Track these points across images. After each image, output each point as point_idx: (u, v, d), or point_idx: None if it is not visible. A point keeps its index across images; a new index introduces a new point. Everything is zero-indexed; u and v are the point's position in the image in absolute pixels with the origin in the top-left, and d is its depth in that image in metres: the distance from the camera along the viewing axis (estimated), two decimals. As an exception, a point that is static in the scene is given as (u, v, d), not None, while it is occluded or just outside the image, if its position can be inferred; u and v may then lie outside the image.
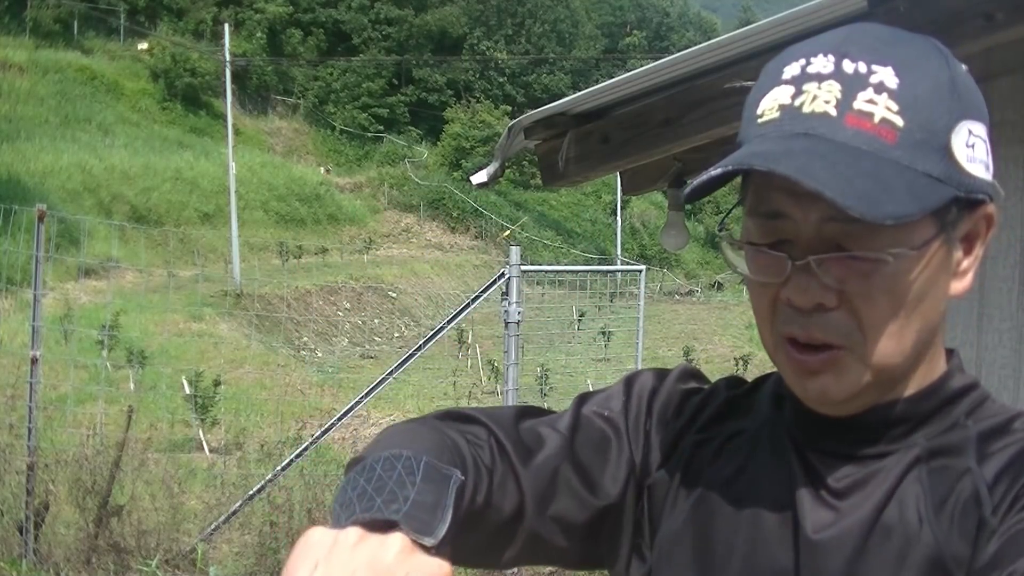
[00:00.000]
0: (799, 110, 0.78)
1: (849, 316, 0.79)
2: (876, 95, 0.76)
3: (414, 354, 6.33)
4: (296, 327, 22.62)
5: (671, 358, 24.34)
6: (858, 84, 0.77)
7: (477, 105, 51.77)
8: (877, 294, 0.78)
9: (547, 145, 3.60)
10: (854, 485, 0.83)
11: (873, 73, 0.77)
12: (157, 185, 33.08)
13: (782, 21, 2.70)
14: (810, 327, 0.80)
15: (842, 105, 0.77)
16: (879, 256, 0.76)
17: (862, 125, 0.76)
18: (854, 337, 0.79)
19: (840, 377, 0.80)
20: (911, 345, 0.80)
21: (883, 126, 0.76)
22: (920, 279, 0.78)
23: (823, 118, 0.77)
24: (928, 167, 0.76)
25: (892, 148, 0.76)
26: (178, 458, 8.08)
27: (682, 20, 74.10)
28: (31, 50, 40.28)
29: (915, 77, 0.77)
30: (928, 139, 0.76)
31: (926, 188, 0.75)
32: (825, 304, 0.79)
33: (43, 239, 5.92)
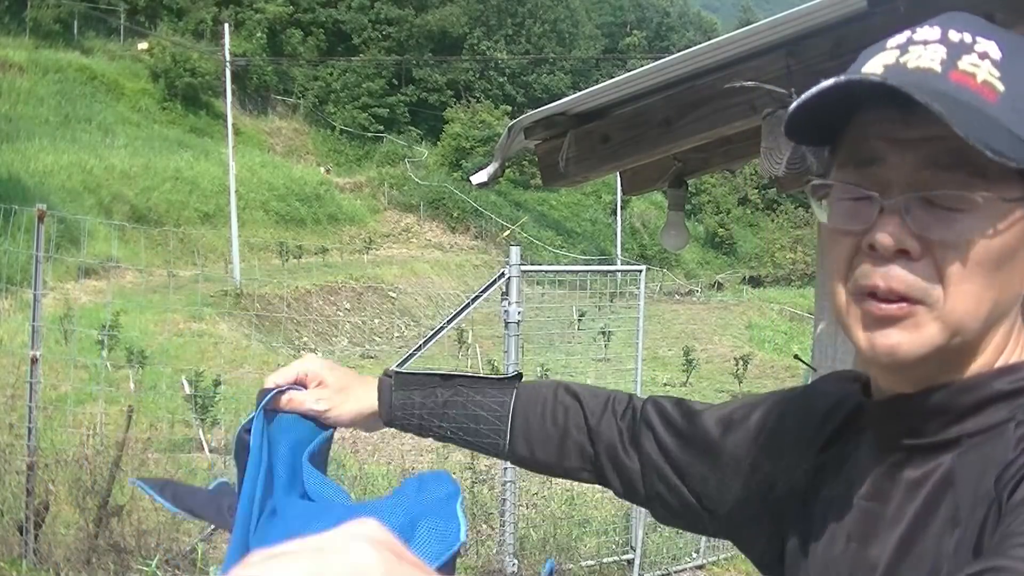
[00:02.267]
0: (904, 66, 0.81)
1: (931, 268, 0.79)
2: (980, 60, 0.79)
3: (414, 354, 6.33)
4: (296, 327, 22.62)
5: (671, 358, 24.33)
6: (963, 49, 0.80)
7: (477, 105, 51.78)
8: (961, 244, 0.78)
9: (547, 145, 3.60)
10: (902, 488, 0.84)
11: (977, 43, 0.80)
12: (157, 185, 33.08)
13: (782, 21, 2.70)
14: (891, 277, 0.79)
15: (947, 64, 0.79)
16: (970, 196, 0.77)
17: (965, 81, 0.78)
18: (934, 292, 0.79)
19: (913, 333, 0.80)
20: (986, 312, 0.80)
21: (985, 87, 0.78)
22: (1003, 239, 0.79)
23: (927, 72, 0.79)
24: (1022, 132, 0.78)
25: (991, 106, 0.78)
26: (178, 458, 8.08)
27: (682, 20, 74.10)
28: (31, 50, 40.28)
29: (1017, 53, 0.80)
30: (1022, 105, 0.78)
31: (1016, 147, 0.77)
32: (909, 251, 0.79)
33: (43, 239, 5.91)
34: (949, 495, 0.80)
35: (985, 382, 0.82)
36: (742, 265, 53.88)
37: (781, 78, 2.72)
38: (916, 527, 0.81)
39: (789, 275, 46.16)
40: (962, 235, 0.78)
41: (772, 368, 25.05)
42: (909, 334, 0.80)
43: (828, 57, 2.65)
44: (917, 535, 0.81)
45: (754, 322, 33.43)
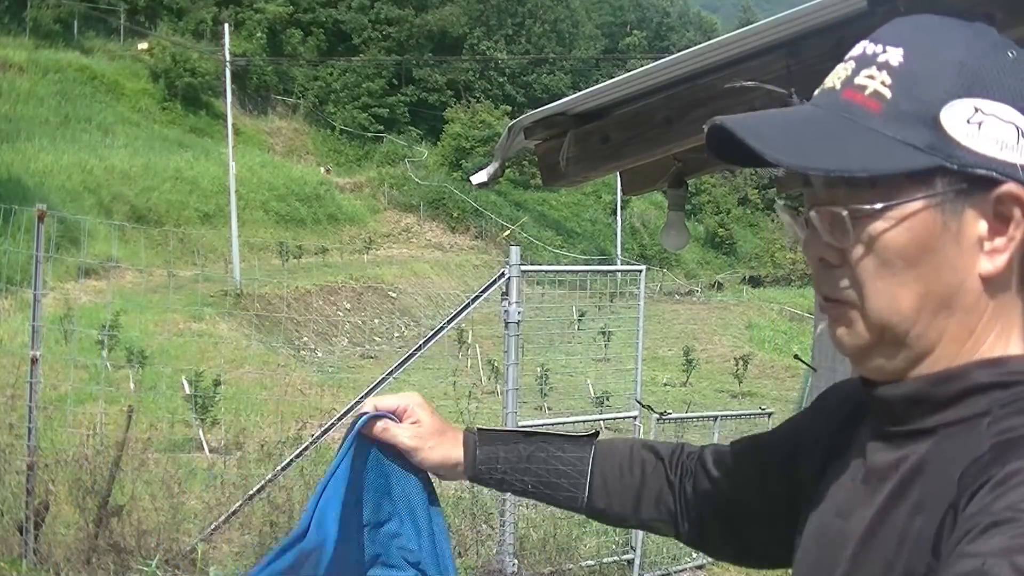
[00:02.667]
0: (823, 85, 0.90)
1: (849, 273, 0.87)
2: (877, 72, 0.85)
3: (414, 354, 6.33)
4: (296, 327, 22.62)
5: (671, 358, 24.34)
6: (867, 63, 0.86)
7: (477, 105, 51.79)
8: (863, 250, 0.86)
9: (547, 145, 3.60)
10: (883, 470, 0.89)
11: (884, 53, 0.86)
12: (157, 185, 33.09)
13: (782, 21, 2.70)
14: (822, 284, 0.90)
15: (847, 80, 0.87)
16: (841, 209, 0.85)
17: (854, 97, 0.86)
18: (852, 293, 0.87)
19: (849, 329, 0.89)
20: (908, 308, 0.85)
21: (871, 97, 0.84)
22: (902, 240, 0.84)
23: (829, 92, 0.89)
24: (907, 135, 0.82)
25: (873, 116, 0.84)
26: (178, 458, 8.07)
27: (682, 20, 74.11)
28: (31, 50, 40.29)
29: (920, 57, 0.84)
30: (915, 111, 0.83)
31: (894, 153, 0.82)
32: (828, 259, 0.88)
33: (43, 239, 5.91)
34: (919, 482, 0.84)
35: (966, 373, 0.86)
36: (742, 265, 53.90)
37: (781, 78, 2.72)
38: (887, 508, 0.86)
39: (789, 275, 46.17)
40: (860, 240, 0.85)
41: (772, 368, 25.06)
42: (847, 330, 0.89)
43: (828, 57, 2.65)
44: (887, 515, 0.85)
45: (754, 322, 33.44)
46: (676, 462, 1.22)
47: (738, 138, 0.85)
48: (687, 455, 1.22)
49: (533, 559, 6.46)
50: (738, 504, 1.14)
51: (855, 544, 0.87)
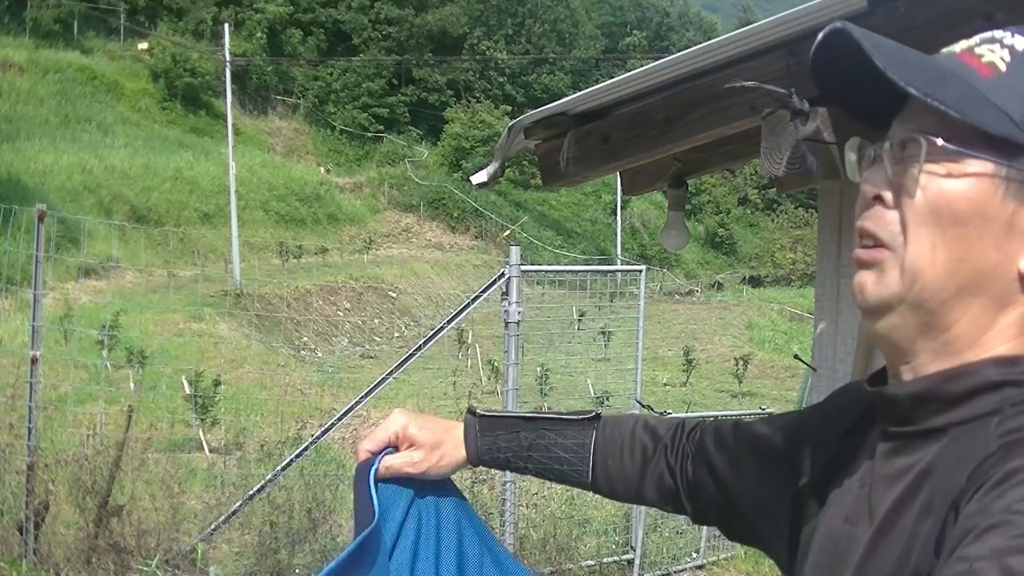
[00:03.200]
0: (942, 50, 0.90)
1: (899, 216, 0.86)
2: (1000, 49, 0.86)
3: (414, 354, 6.33)
4: (296, 327, 22.62)
5: (671, 358, 24.34)
6: (991, 40, 0.87)
7: (477, 105, 51.79)
8: (917, 188, 0.85)
9: (547, 145, 3.60)
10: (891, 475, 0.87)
11: (1011, 38, 0.87)
12: (157, 185, 33.09)
13: (782, 21, 2.70)
14: (867, 219, 0.88)
15: (967, 48, 0.88)
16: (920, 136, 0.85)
17: (969, 60, 0.86)
18: (897, 239, 0.86)
19: (879, 276, 0.87)
20: (942, 265, 0.84)
21: (986, 66, 0.85)
22: (958, 192, 0.83)
23: (948, 55, 0.89)
24: (1007, 105, 0.83)
25: (982, 80, 0.84)
26: (178, 458, 8.07)
27: (682, 20, 74.10)
28: (31, 50, 40.29)
29: None
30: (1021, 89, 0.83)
31: (989, 113, 0.82)
32: (883, 198, 0.87)
33: (43, 239, 5.91)
34: (928, 484, 0.82)
35: (976, 370, 0.84)
36: (742, 265, 53.88)
37: (781, 78, 2.72)
38: (895, 512, 0.84)
39: (789, 275, 46.15)
40: (924, 179, 0.84)
41: (772, 368, 25.06)
42: (875, 277, 0.87)
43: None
44: (895, 519, 0.84)
45: (754, 322, 33.44)
46: (676, 445, 1.21)
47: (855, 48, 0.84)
48: (687, 437, 1.21)
49: (533, 559, 6.46)
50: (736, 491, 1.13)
51: (863, 550, 0.86)
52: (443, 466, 1.25)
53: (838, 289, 3.35)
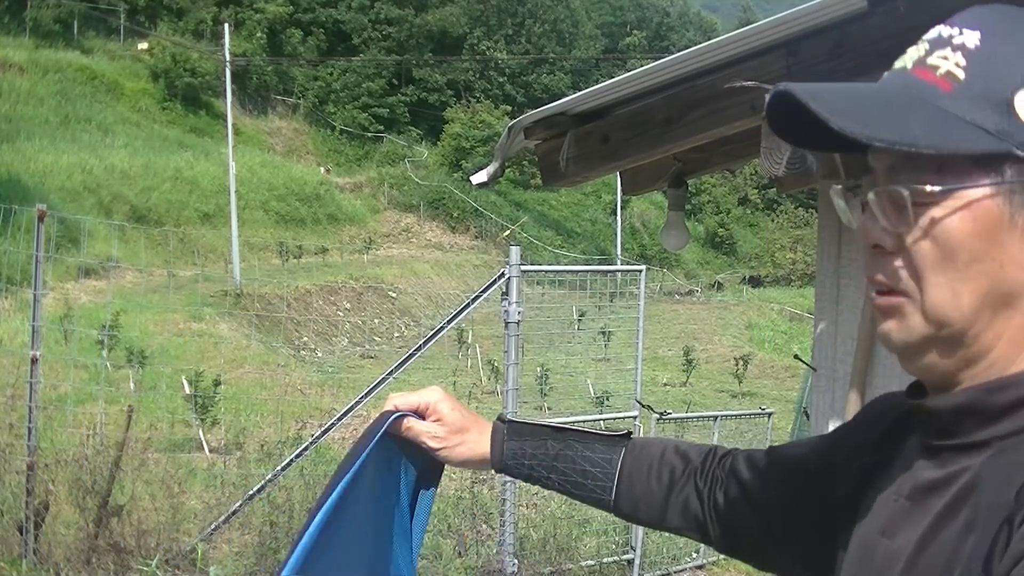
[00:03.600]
0: (893, 66, 0.87)
1: (906, 261, 0.82)
2: (951, 53, 0.82)
3: (414, 354, 6.33)
4: (296, 327, 22.62)
5: (671, 358, 24.34)
6: (941, 44, 0.83)
7: (477, 105, 51.78)
8: (921, 237, 0.81)
9: (547, 145, 3.60)
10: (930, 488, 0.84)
11: (960, 36, 0.82)
12: (157, 185, 33.09)
13: (782, 21, 2.70)
14: (876, 270, 0.85)
15: (918, 61, 0.84)
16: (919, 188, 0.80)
17: (925, 75, 0.82)
18: (910, 284, 0.82)
19: (901, 323, 0.84)
20: (969, 305, 0.80)
21: (944, 78, 0.81)
22: (966, 228, 0.79)
23: (899, 72, 0.85)
24: (977, 117, 0.79)
25: (944, 96, 0.80)
26: (178, 458, 8.07)
27: (682, 20, 74.10)
28: (31, 50, 40.28)
29: (998, 40, 0.81)
30: (988, 93, 0.79)
31: (962, 133, 0.78)
32: (883, 245, 0.84)
33: (43, 239, 5.91)
34: (971, 499, 0.80)
35: (1020, 381, 0.81)
36: (742, 265, 53.87)
37: (781, 78, 2.72)
38: (936, 527, 0.81)
39: (789, 275, 46.14)
40: (921, 228, 0.81)
41: (772, 368, 25.05)
42: (898, 323, 0.84)
43: (828, 57, 2.65)
44: (935, 534, 0.81)
45: (754, 322, 33.43)
46: (707, 470, 1.18)
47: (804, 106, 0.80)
48: (719, 462, 1.18)
49: (533, 559, 6.46)
50: (769, 520, 1.11)
51: (902, 565, 0.83)
52: (459, 453, 1.23)
53: (838, 289, 3.35)
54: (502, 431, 1.25)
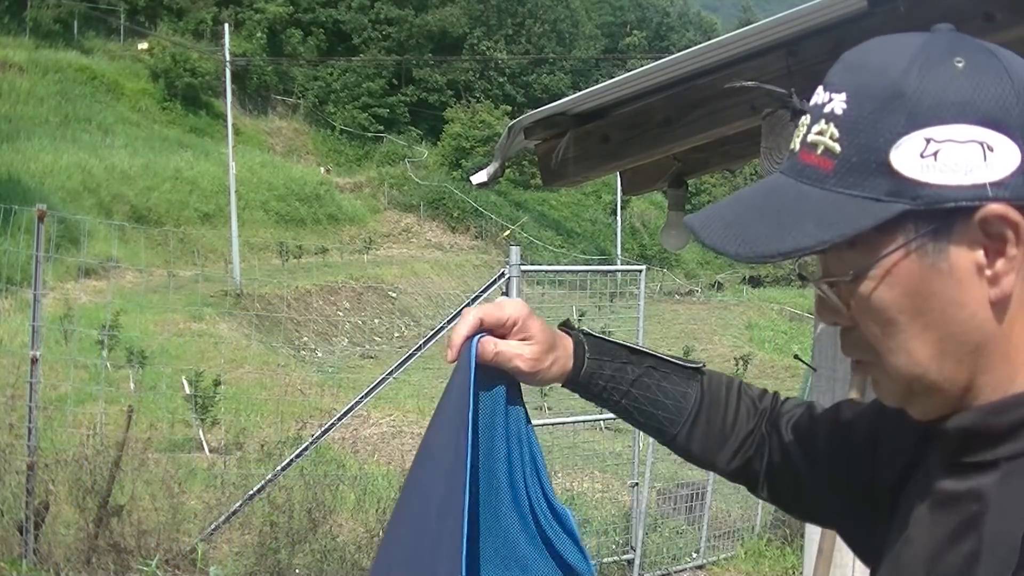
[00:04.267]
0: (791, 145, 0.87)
1: (860, 334, 0.85)
2: (825, 125, 0.82)
3: (414, 354, 6.33)
4: (296, 327, 22.62)
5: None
6: (817, 115, 0.84)
7: (477, 105, 51.77)
8: (863, 314, 0.84)
9: (547, 145, 3.60)
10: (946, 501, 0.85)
11: (830, 101, 0.82)
12: (157, 185, 33.08)
13: (782, 21, 2.70)
14: (844, 346, 0.88)
15: (803, 140, 0.85)
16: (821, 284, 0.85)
17: (808, 159, 0.83)
18: (871, 353, 0.85)
19: (879, 386, 0.88)
20: (928, 358, 0.82)
21: (824, 156, 0.82)
22: (893, 295, 0.81)
23: (791, 154, 0.86)
24: (864, 189, 0.79)
25: (828, 177, 0.81)
26: (178, 458, 8.08)
27: (682, 20, 74.07)
28: (31, 50, 40.26)
29: (861, 99, 0.80)
30: (865, 160, 0.79)
31: (853, 211, 0.79)
32: (840, 323, 0.87)
33: (43, 239, 5.92)
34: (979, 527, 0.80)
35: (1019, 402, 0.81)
36: (742, 265, 53.82)
37: (781, 78, 2.72)
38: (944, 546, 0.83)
39: (789, 275, 46.09)
40: (861, 306, 0.83)
41: (772, 368, 25.06)
42: (879, 387, 0.88)
43: (828, 57, 2.65)
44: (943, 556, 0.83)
45: (754, 322, 33.44)
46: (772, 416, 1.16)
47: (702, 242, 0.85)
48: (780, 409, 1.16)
49: (533, 559, 6.45)
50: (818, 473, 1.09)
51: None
52: (552, 374, 1.12)
53: (838, 289, 3.34)
54: (583, 347, 1.15)
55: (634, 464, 7.45)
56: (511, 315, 1.09)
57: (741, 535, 8.82)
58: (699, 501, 8.38)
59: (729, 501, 9.61)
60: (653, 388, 1.16)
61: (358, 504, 7.02)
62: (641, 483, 7.44)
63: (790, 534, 8.35)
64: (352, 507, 7.06)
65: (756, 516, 9.14)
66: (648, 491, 7.73)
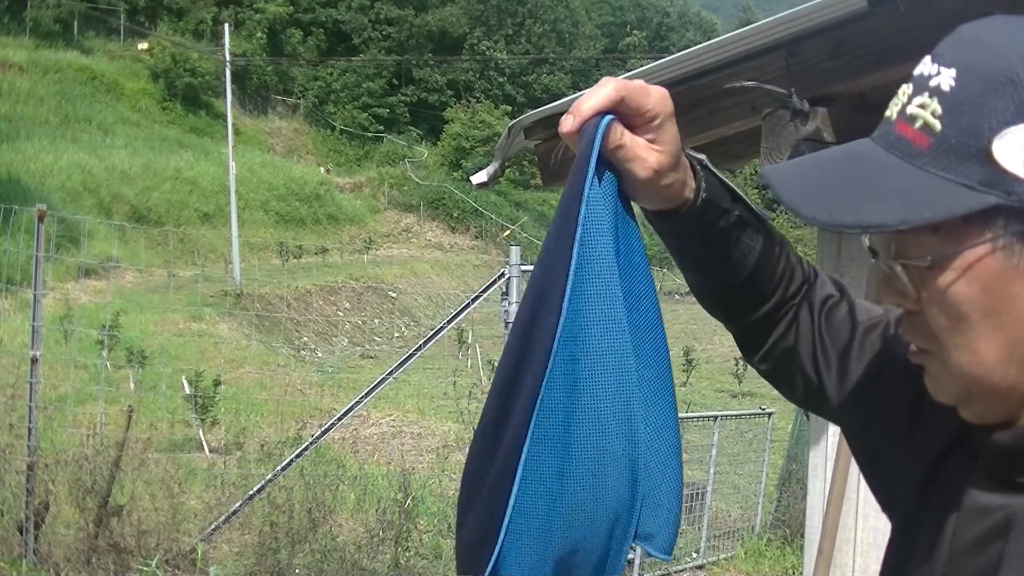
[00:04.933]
0: (886, 112, 0.83)
1: (925, 322, 0.81)
2: (928, 99, 0.78)
3: (414, 354, 6.33)
4: (296, 327, 22.62)
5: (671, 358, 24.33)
6: (921, 86, 0.79)
7: (477, 105, 51.75)
8: (935, 303, 0.79)
9: (547, 145, 3.60)
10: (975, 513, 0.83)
11: (937, 76, 0.78)
12: (157, 185, 33.07)
13: (782, 21, 2.70)
14: (906, 331, 0.85)
15: (902, 109, 0.80)
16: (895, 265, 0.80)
17: (904, 131, 0.79)
18: (932, 343, 0.82)
19: (933, 380, 0.84)
20: (993, 360, 0.78)
21: (921, 131, 0.78)
22: (971, 291, 0.77)
23: (887, 122, 0.82)
24: (959, 174, 0.75)
25: (922, 154, 0.77)
26: (178, 458, 8.07)
27: (682, 20, 74.07)
28: (31, 50, 40.26)
29: (973, 79, 0.76)
30: (965, 144, 0.75)
31: (944, 195, 0.75)
32: (905, 307, 0.83)
33: (43, 239, 5.92)
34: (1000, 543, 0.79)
35: None
36: (742, 265, 53.84)
37: (781, 78, 2.72)
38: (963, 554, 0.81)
39: (789, 275, 46.18)
40: (932, 296, 0.79)
41: (772, 368, 25.02)
42: (932, 382, 0.84)
43: (828, 57, 2.65)
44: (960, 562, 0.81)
45: (754, 322, 33.40)
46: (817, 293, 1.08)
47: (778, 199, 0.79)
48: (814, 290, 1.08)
49: (533, 559, 6.45)
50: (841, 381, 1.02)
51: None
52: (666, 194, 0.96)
53: (838, 289, 3.35)
54: (700, 172, 1.00)
55: (634, 464, 7.44)
56: (654, 107, 0.91)
57: (741, 535, 8.82)
58: (699, 501, 8.39)
59: (729, 501, 9.62)
60: (732, 239, 1.02)
61: (358, 504, 7.02)
62: (641, 483, 7.42)
63: (790, 534, 8.36)
64: (352, 507, 7.06)
65: (756, 516, 9.15)
66: (648, 491, 7.70)
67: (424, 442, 11.80)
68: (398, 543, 6.35)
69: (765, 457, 9.46)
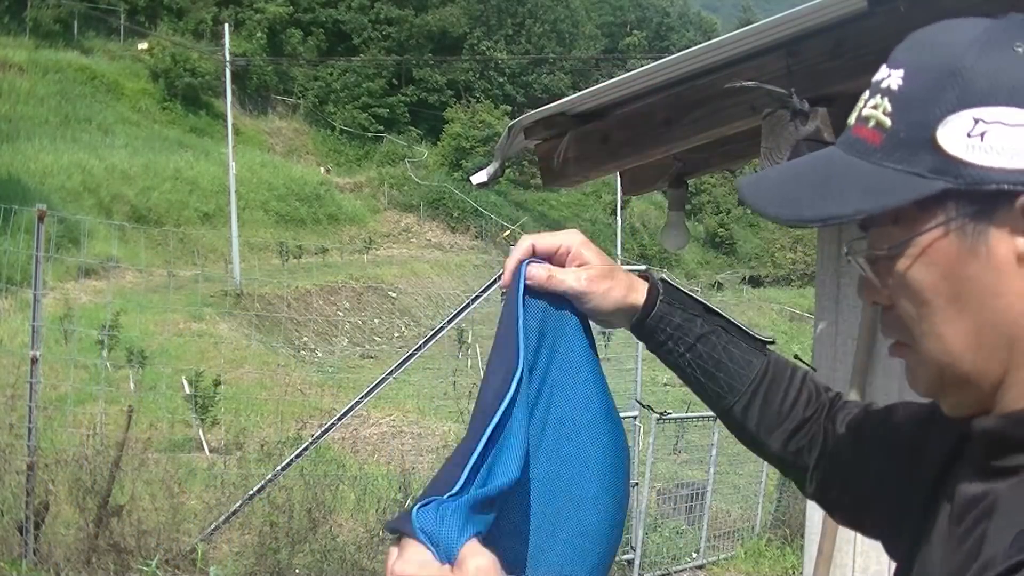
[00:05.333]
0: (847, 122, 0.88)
1: (897, 314, 0.85)
2: (880, 99, 0.82)
3: (414, 354, 6.33)
4: (296, 327, 22.62)
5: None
6: (874, 90, 0.84)
7: (477, 105, 51.77)
8: (900, 292, 0.83)
9: (547, 145, 3.60)
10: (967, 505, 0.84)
11: (888, 77, 0.82)
12: (157, 185, 33.08)
13: (782, 21, 2.70)
14: (883, 327, 0.88)
15: (858, 114, 0.85)
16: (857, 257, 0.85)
17: (860, 132, 0.84)
18: (907, 335, 0.85)
19: (911, 372, 0.87)
20: (962, 346, 0.80)
21: (874, 130, 0.82)
22: (929, 275, 0.80)
23: (847, 128, 0.87)
24: (909, 164, 0.79)
25: (876, 150, 0.82)
26: (178, 458, 8.08)
27: (682, 20, 74.10)
28: (31, 50, 40.27)
29: (918, 75, 0.80)
30: (912, 136, 0.79)
31: (895, 185, 0.79)
32: (879, 302, 0.86)
33: (43, 239, 5.92)
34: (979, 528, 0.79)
35: None
36: (742, 265, 53.90)
37: (781, 78, 2.72)
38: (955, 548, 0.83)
39: (789, 275, 46.16)
40: (897, 284, 0.83)
41: (772, 368, 25.04)
42: (910, 375, 0.87)
43: (828, 57, 2.65)
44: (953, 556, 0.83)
45: (754, 322, 33.41)
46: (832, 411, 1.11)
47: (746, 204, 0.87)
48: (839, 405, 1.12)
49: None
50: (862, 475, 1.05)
51: None
52: (608, 301, 1.08)
53: (838, 289, 3.35)
54: (657, 288, 1.11)
55: (634, 464, 7.45)
56: (563, 243, 1.07)
57: (741, 535, 8.82)
58: (699, 501, 8.39)
59: (729, 501, 9.62)
60: (719, 349, 1.11)
61: (358, 504, 7.02)
62: (641, 483, 7.45)
63: (790, 534, 8.36)
64: (352, 507, 7.06)
65: (756, 516, 9.15)
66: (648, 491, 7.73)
67: (424, 442, 11.81)
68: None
69: (765, 457, 9.45)
